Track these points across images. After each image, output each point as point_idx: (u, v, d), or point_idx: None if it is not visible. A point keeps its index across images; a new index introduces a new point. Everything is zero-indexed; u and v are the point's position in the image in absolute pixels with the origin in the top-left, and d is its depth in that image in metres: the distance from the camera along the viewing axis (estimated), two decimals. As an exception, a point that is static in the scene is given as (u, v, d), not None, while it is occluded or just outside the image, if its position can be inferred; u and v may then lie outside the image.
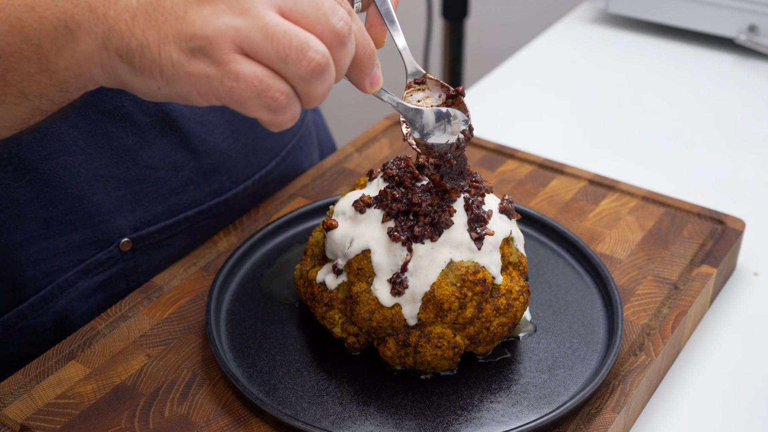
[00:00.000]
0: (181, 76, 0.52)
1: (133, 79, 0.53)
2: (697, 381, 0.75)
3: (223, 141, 0.84)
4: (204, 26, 0.51)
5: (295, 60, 0.51)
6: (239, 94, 0.52)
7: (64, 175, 0.74)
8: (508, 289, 0.69)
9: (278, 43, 0.51)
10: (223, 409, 0.67)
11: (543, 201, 0.90)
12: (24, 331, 0.78)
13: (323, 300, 0.70)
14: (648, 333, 0.74)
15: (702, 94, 1.20)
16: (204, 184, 0.84)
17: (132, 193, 0.79)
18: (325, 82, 0.53)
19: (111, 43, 0.52)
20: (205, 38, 0.51)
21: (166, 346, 0.72)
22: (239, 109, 0.53)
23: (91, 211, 0.77)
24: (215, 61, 0.51)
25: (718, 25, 1.28)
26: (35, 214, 0.74)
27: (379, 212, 0.68)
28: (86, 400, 0.68)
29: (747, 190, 1.00)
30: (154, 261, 0.83)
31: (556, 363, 0.71)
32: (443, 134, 0.65)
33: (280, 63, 0.51)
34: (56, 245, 0.76)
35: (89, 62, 0.53)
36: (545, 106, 1.19)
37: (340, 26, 0.53)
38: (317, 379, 0.69)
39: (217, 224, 0.87)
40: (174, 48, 0.51)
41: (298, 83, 0.53)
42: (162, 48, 0.51)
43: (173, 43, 0.51)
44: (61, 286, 0.78)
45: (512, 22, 1.98)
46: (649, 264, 0.81)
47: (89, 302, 0.81)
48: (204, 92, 0.52)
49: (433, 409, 0.67)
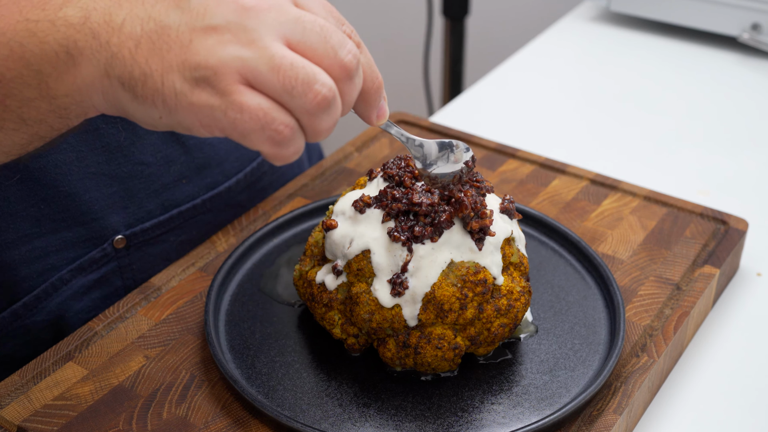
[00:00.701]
0: (184, 106, 0.51)
1: (135, 107, 0.52)
2: (700, 382, 0.75)
3: None
4: (209, 56, 0.50)
5: (301, 93, 0.51)
6: (243, 126, 0.51)
7: (55, 173, 0.74)
8: (509, 289, 0.68)
9: (284, 76, 0.50)
10: (222, 411, 0.67)
11: (544, 201, 0.90)
12: (19, 331, 0.78)
13: (323, 301, 0.69)
14: (650, 334, 0.73)
15: (704, 93, 1.20)
16: (196, 178, 0.84)
17: (124, 189, 0.79)
18: (331, 116, 0.52)
19: (113, 71, 0.51)
20: (209, 68, 0.50)
21: (164, 347, 0.72)
22: (242, 142, 0.52)
23: (83, 209, 0.77)
24: (219, 92, 0.50)
25: (721, 24, 1.27)
26: (27, 212, 0.74)
27: (379, 212, 0.68)
28: (84, 401, 0.67)
29: (750, 190, 1.00)
30: (149, 258, 0.83)
31: (557, 364, 0.70)
32: (447, 164, 0.66)
33: (286, 96, 0.51)
34: (49, 244, 0.76)
35: (90, 89, 0.52)
36: (546, 105, 1.18)
37: (348, 60, 0.52)
38: (317, 381, 0.69)
39: (212, 219, 0.87)
40: (177, 77, 0.50)
41: (304, 117, 0.52)
42: (165, 77, 0.50)
43: (177, 72, 0.50)
44: (55, 285, 0.78)
45: (513, 20, 1.98)
46: (651, 264, 0.81)
47: (84, 300, 0.80)
48: (206, 123, 0.51)
49: (434, 410, 0.67)
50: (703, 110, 1.16)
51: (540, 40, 1.35)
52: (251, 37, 0.50)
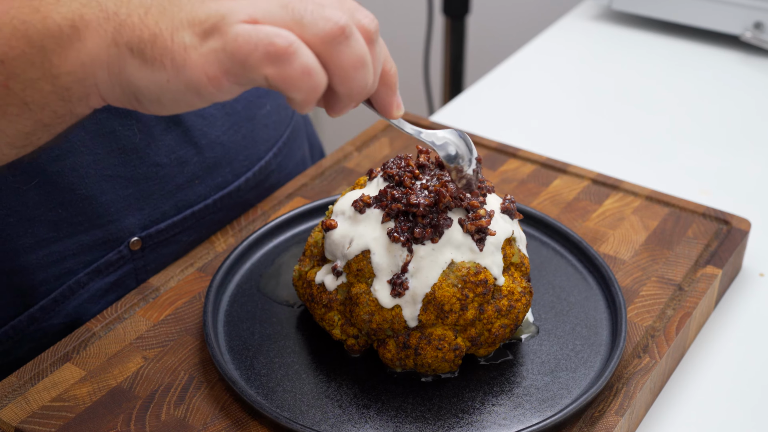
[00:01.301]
0: (193, 59, 0.50)
1: (142, 74, 0.52)
2: (702, 384, 0.75)
3: (223, 133, 0.84)
4: (220, 6, 0.50)
5: (311, 21, 0.50)
6: (239, 52, 0.50)
7: (72, 177, 0.74)
8: (510, 290, 0.68)
9: (293, 8, 0.50)
10: (221, 412, 0.66)
11: (545, 201, 0.89)
12: (36, 334, 0.78)
13: (322, 301, 0.69)
14: (652, 335, 0.73)
15: (706, 92, 1.19)
16: (208, 178, 0.84)
17: (140, 191, 0.79)
18: (352, 49, 0.51)
19: (121, 38, 0.51)
20: (218, 14, 0.50)
21: (162, 348, 0.72)
22: (245, 75, 0.51)
23: (100, 212, 0.77)
24: (224, 34, 0.50)
25: (723, 22, 1.27)
26: (45, 216, 0.74)
27: (379, 212, 0.68)
28: (82, 402, 0.67)
29: (752, 190, 0.99)
30: (163, 259, 0.83)
31: (558, 365, 0.70)
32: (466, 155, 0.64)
33: (296, 25, 0.50)
34: (66, 247, 0.76)
35: (95, 63, 0.52)
36: (547, 105, 1.18)
37: (366, 22, 0.52)
38: (316, 382, 0.69)
39: (222, 219, 0.87)
40: (187, 32, 0.50)
41: (320, 46, 0.50)
42: (175, 34, 0.50)
43: (187, 28, 0.50)
44: (72, 288, 0.78)
45: (514, 19, 1.98)
46: (653, 265, 0.81)
47: (101, 303, 0.80)
48: (213, 73, 0.50)
49: (434, 412, 0.66)
50: (706, 109, 1.16)
51: (541, 38, 1.35)
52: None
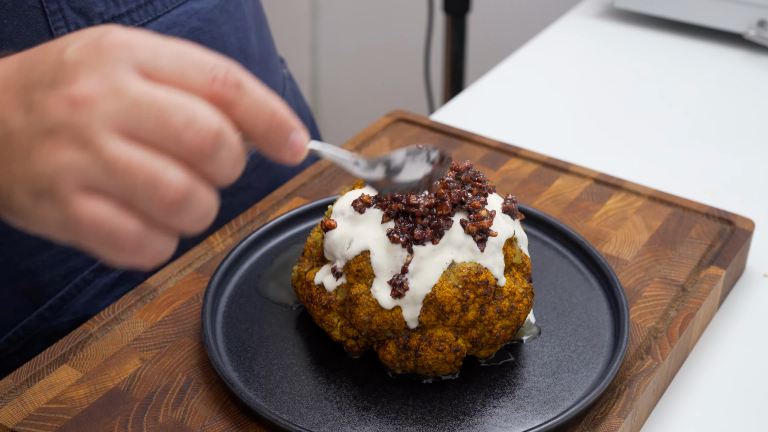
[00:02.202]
0: (34, 221, 0.46)
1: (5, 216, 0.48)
2: (706, 385, 0.74)
3: None
4: (45, 166, 0.44)
5: (145, 198, 0.44)
6: (84, 239, 0.45)
7: None
8: (511, 291, 0.68)
9: (122, 181, 0.44)
10: (219, 414, 0.66)
11: (547, 200, 0.89)
12: (46, 332, 0.78)
13: (322, 302, 0.69)
14: (655, 336, 0.72)
15: (710, 91, 1.19)
16: None
17: None
18: (193, 210, 0.45)
19: None
20: (46, 179, 0.44)
21: (160, 350, 0.71)
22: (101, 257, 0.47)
23: None
24: (60, 205, 0.45)
25: (727, 20, 1.27)
26: None
27: (379, 212, 0.67)
28: (78, 405, 0.66)
29: (756, 190, 0.99)
30: None
31: (560, 367, 0.70)
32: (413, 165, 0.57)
33: (131, 201, 0.45)
34: (70, 247, 0.76)
35: None
36: (549, 103, 1.18)
37: (197, 141, 0.44)
38: (315, 383, 0.68)
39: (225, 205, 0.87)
40: (22, 190, 0.45)
41: (158, 219, 0.46)
42: (12, 190, 0.46)
43: (21, 185, 0.45)
44: (78, 286, 0.78)
45: (515, 17, 1.97)
46: (656, 265, 0.80)
47: (108, 298, 0.80)
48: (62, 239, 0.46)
49: (435, 414, 0.66)
50: (709, 108, 1.15)
51: (543, 36, 1.34)
52: (85, 137, 0.44)
